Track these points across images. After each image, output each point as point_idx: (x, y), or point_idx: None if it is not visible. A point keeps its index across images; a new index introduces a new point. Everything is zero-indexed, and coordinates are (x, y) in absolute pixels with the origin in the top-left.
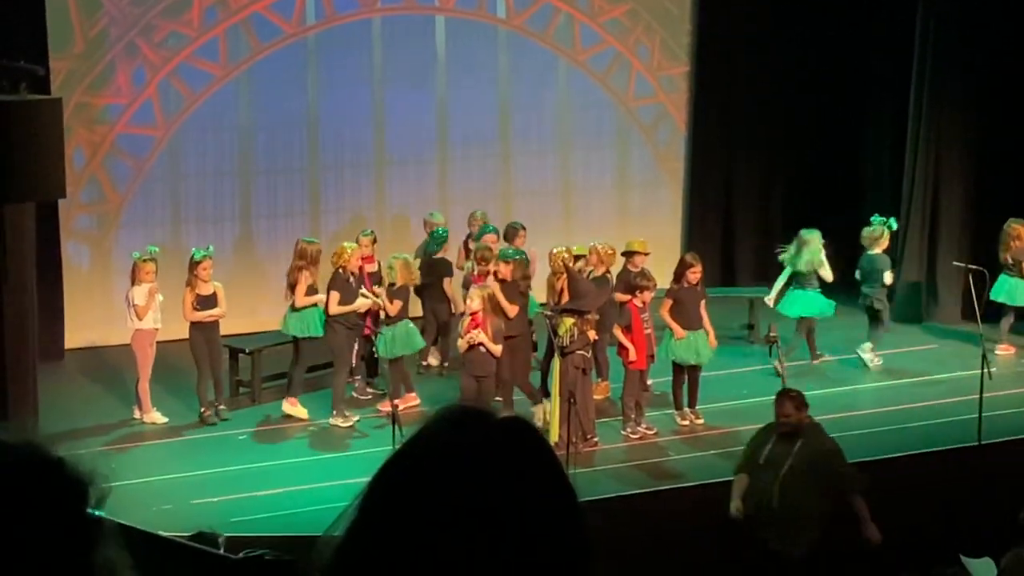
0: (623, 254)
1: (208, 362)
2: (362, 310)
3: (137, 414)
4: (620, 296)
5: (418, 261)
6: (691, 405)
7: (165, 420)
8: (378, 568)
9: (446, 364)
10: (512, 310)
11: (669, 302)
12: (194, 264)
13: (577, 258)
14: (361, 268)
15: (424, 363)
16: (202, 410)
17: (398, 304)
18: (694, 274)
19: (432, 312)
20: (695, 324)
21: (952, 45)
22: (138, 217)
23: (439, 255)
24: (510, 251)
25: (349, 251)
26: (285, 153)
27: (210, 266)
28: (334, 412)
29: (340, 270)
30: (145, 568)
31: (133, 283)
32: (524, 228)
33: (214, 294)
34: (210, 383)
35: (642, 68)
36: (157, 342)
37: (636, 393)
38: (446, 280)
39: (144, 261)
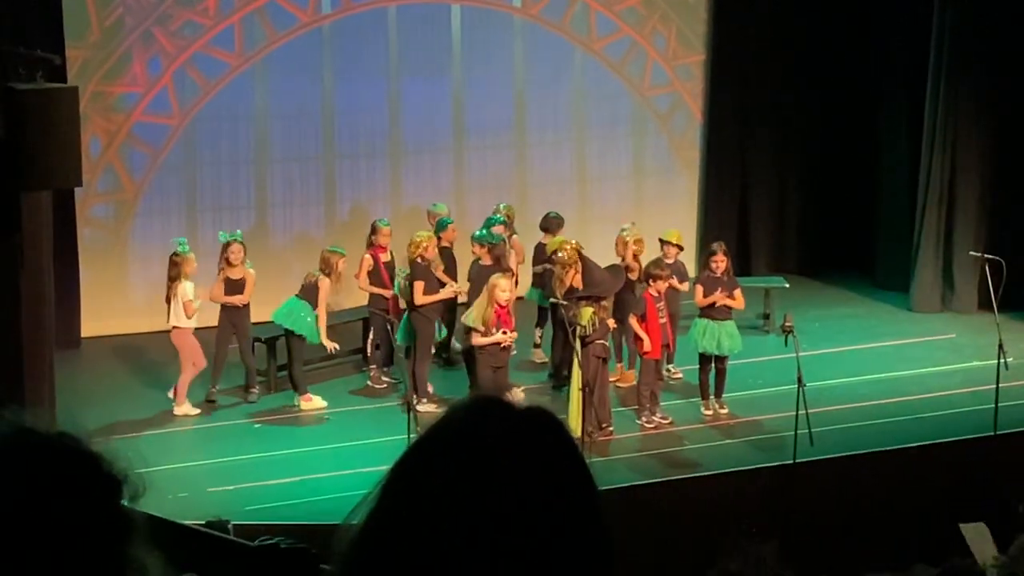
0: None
1: (226, 345)
2: (445, 297)
3: (176, 408)
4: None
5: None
6: (717, 395)
7: (197, 412)
8: (397, 558)
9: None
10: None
11: (701, 288)
12: (223, 247)
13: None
14: (376, 257)
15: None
16: (211, 388)
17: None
18: (715, 263)
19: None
20: (720, 314)
21: (970, 31)
22: (154, 206)
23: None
24: (484, 233)
25: (425, 240)
26: (300, 142)
27: (239, 250)
28: (424, 399)
29: (419, 259)
30: (163, 555)
31: (178, 278)
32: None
33: (242, 280)
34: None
35: (658, 57)
36: (194, 330)
37: (651, 382)
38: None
39: (189, 254)
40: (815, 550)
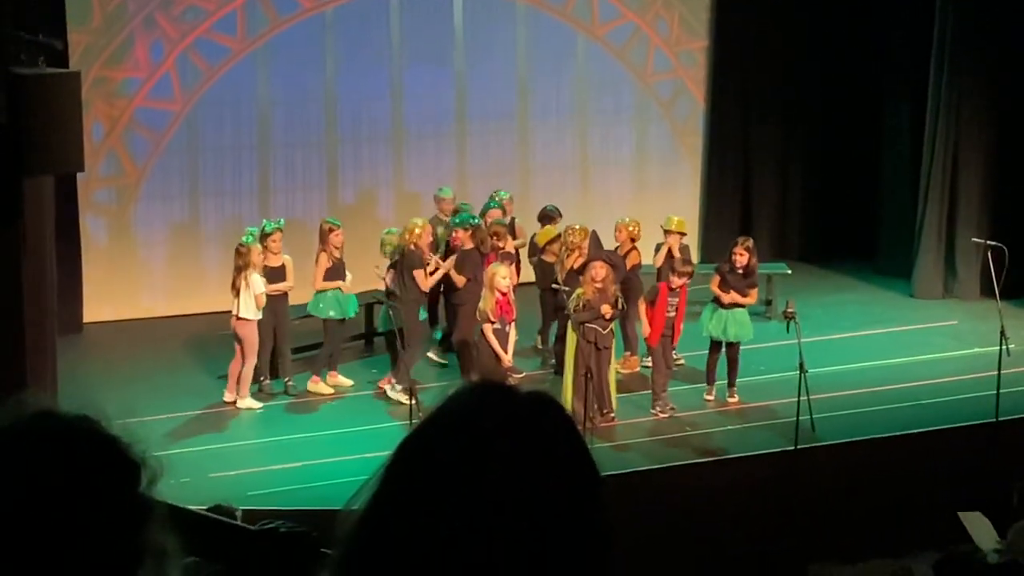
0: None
1: (271, 335)
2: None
3: (229, 397)
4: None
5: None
6: (729, 384)
7: (260, 406)
8: (398, 542)
9: None
10: (460, 281)
11: (717, 278)
12: (264, 236)
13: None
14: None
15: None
16: (261, 378)
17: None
18: (737, 255)
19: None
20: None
21: (972, 18)
22: (156, 191)
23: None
24: (467, 217)
25: (419, 227)
26: (303, 127)
27: (280, 238)
28: (394, 381)
29: (412, 247)
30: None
31: (245, 268)
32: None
33: (282, 266)
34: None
35: (661, 43)
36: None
37: (662, 371)
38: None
39: (255, 244)
40: (816, 536)
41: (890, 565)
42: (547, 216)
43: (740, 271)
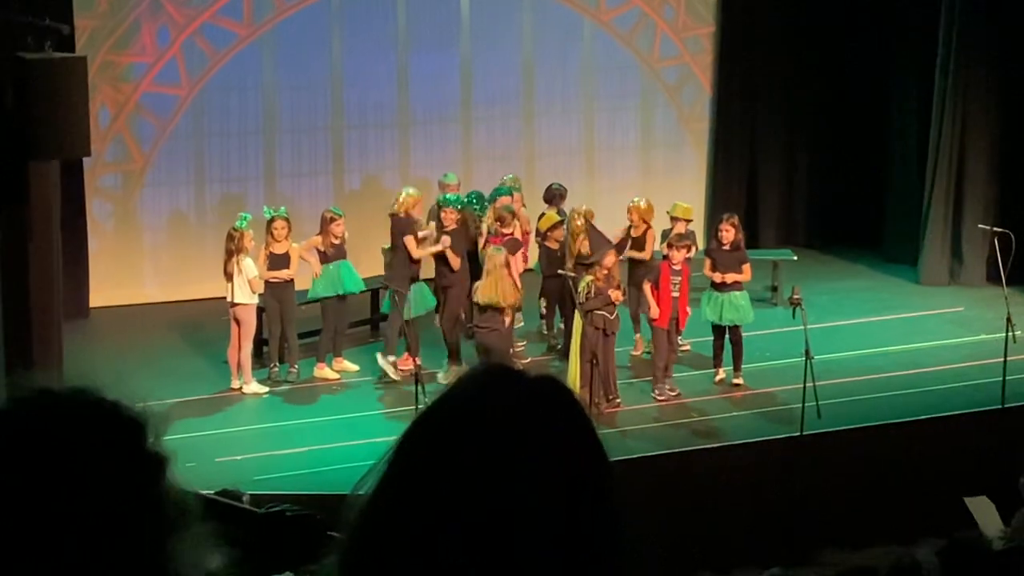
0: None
1: (278, 322)
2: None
3: (236, 384)
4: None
5: (432, 226)
6: (735, 368)
7: (266, 391)
8: (405, 527)
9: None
10: (456, 262)
11: (708, 261)
12: (268, 223)
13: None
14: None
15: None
16: (271, 365)
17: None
18: (722, 232)
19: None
20: (725, 285)
21: (980, 4)
22: (162, 176)
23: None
24: (453, 197)
25: (403, 196)
26: (309, 113)
27: (283, 226)
28: (386, 352)
29: (404, 214)
30: None
31: (237, 253)
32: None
33: (286, 254)
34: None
35: (667, 29)
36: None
37: (664, 355)
38: None
39: (248, 230)
40: (822, 522)
41: (895, 551)
42: (554, 195)
43: (727, 247)
